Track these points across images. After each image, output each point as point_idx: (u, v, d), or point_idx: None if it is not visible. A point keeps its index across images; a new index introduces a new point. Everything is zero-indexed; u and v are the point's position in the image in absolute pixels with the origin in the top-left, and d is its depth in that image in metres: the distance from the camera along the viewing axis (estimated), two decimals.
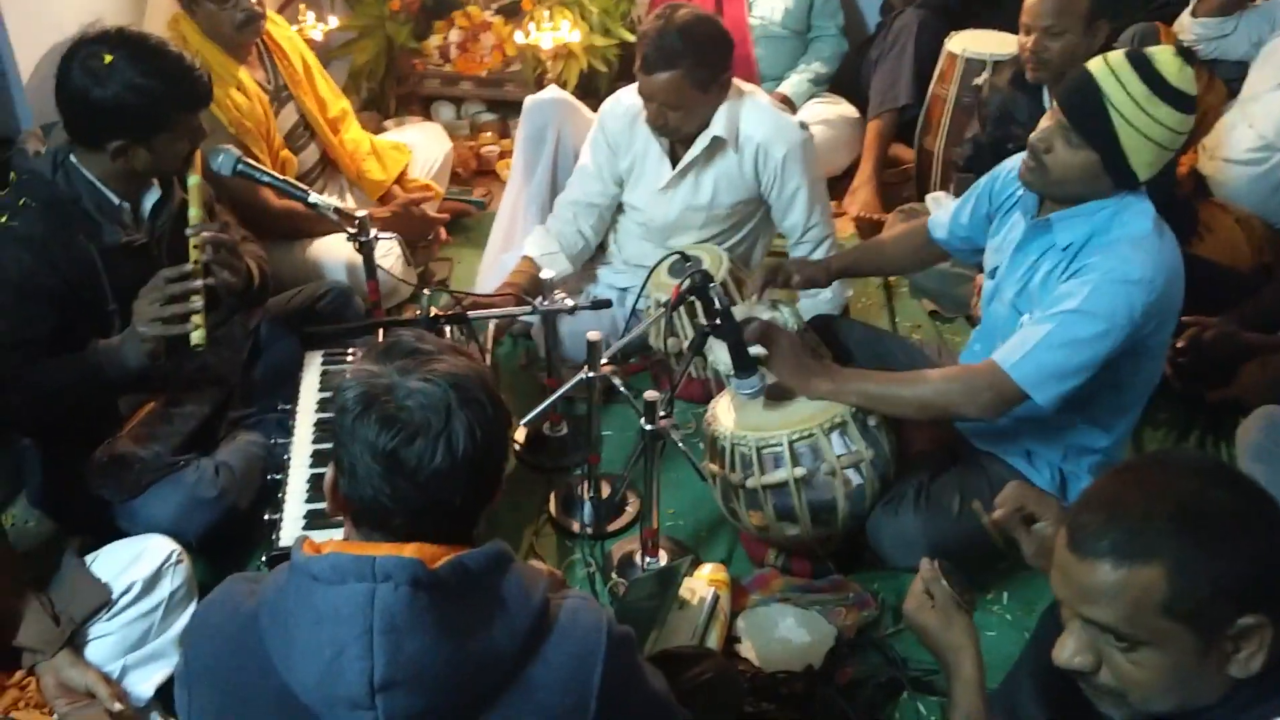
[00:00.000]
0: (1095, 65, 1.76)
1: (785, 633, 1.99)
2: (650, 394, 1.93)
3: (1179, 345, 2.36)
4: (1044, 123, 1.84)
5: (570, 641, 1.20)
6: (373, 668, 1.08)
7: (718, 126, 2.44)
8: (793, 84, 3.56)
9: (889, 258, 2.39)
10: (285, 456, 2.04)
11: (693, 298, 1.99)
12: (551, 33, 3.43)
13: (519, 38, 3.49)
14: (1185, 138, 1.77)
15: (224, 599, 1.24)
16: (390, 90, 3.74)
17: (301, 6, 3.36)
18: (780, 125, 2.47)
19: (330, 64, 3.68)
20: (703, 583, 2.03)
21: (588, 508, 2.31)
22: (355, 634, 1.09)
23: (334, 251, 2.74)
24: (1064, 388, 1.82)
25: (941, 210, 2.27)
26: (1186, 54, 1.74)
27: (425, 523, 1.16)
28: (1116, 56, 1.76)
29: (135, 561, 1.83)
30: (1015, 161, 2.01)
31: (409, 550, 1.13)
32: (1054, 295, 1.84)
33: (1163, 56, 1.73)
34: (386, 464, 1.11)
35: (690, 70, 2.30)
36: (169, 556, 1.86)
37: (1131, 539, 1.05)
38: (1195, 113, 1.76)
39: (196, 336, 1.88)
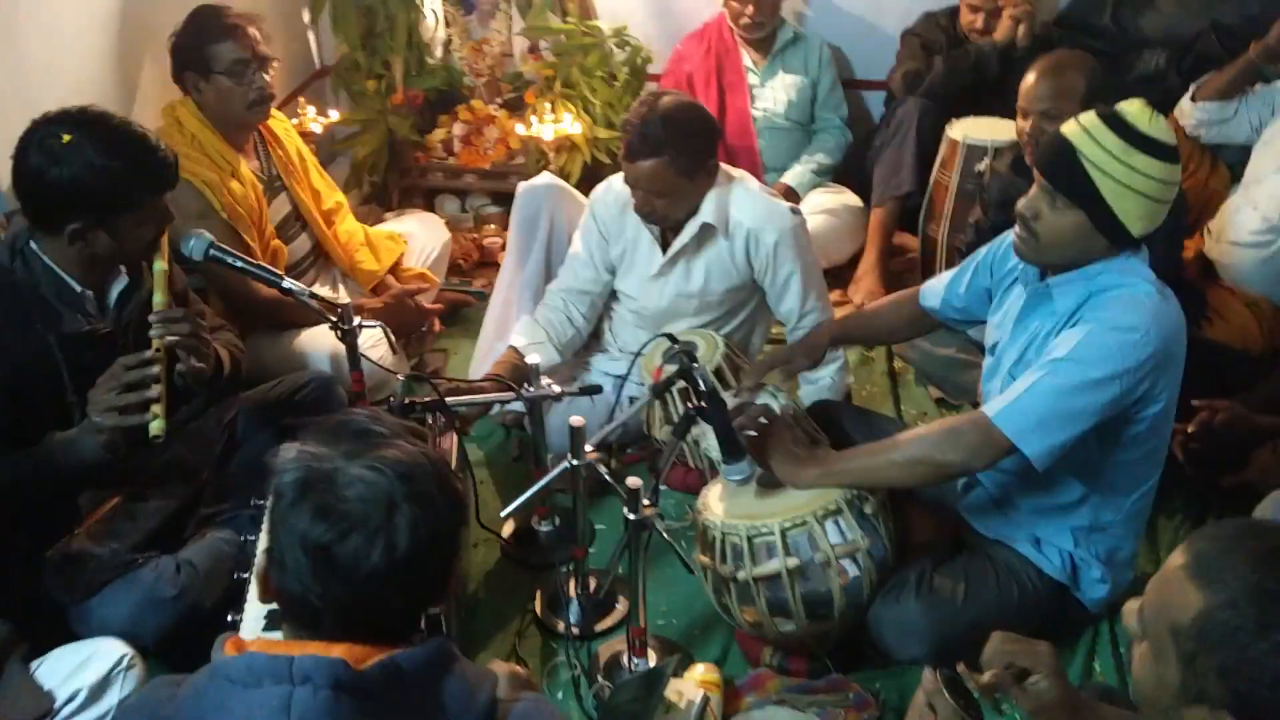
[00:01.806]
0: (1068, 127, 1.75)
1: None
2: (633, 480, 1.83)
3: (1190, 430, 2.27)
4: (1030, 192, 1.80)
5: None
6: None
7: (707, 213, 2.40)
8: (796, 174, 3.55)
9: (877, 327, 2.33)
10: (255, 554, 1.94)
11: (682, 381, 1.91)
12: (553, 125, 3.44)
13: (521, 130, 3.51)
14: (1174, 189, 1.73)
15: (143, 704, 1.14)
16: (393, 183, 3.75)
17: (302, 100, 3.40)
18: (771, 211, 2.42)
19: (333, 157, 3.72)
20: (692, 684, 1.90)
21: (574, 606, 2.19)
22: None
23: (319, 342, 2.68)
24: (1051, 439, 1.73)
25: (935, 280, 2.21)
26: (1157, 106, 1.71)
27: (358, 624, 1.06)
28: (1088, 115, 1.74)
29: (83, 667, 1.72)
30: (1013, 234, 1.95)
31: (336, 650, 1.03)
32: (1047, 347, 1.78)
33: (1131, 108, 1.71)
34: (317, 559, 1.02)
35: (674, 158, 2.27)
36: (119, 661, 1.74)
37: None
38: (1178, 161, 1.72)
39: (155, 427, 1.78)
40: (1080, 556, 1.98)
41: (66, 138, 1.78)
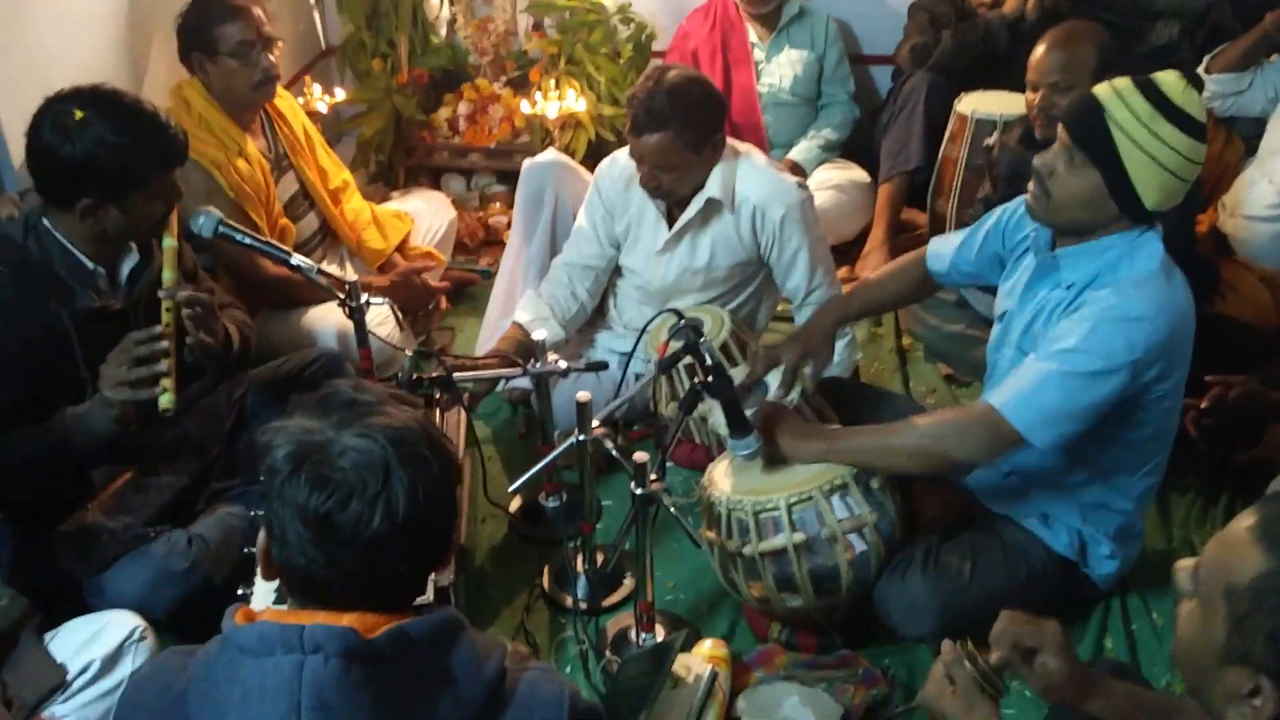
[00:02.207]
0: (1100, 88, 1.73)
1: (789, 712, 1.85)
2: (640, 455, 1.83)
3: (1203, 406, 2.26)
4: (1050, 148, 1.78)
5: (528, 718, 1.09)
6: None
7: (713, 188, 2.38)
8: (802, 150, 3.53)
9: (884, 294, 2.29)
10: None
11: (688, 357, 1.91)
12: (558, 102, 3.43)
13: (525, 108, 3.50)
14: (1197, 168, 1.70)
15: (155, 674, 1.15)
16: (399, 162, 3.74)
17: (308, 79, 3.39)
18: (777, 186, 2.41)
19: (339, 137, 3.71)
20: (700, 659, 1.91)
21: (582, 581, 2.20)
22: (281, 712, 1.00)
23: (327, 319, 2.69)
24: (1061, 430, 1.72)
25: (941, 242, 2.18)
26: (1194, 81, 1.68)
27: (364, 592, 1.06)
28: (1122, 80, 1.72)
29: (95, 639, 1.74)
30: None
31: (345, 619, 1.04)
32: (1053, 333, 1.76)
33: (1168, 79, 1.69)
34: (319, 530, 1.02)
35: (680, 132, 2.26)
36: (131, 633, 1.76)
37: None
38: (1205, 140, 1.69)
39: (165, 400, 1.80)
40: (1088, 533, 1.97)
41: (79, 115, 1.80)
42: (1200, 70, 3.11)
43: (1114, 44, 2.57)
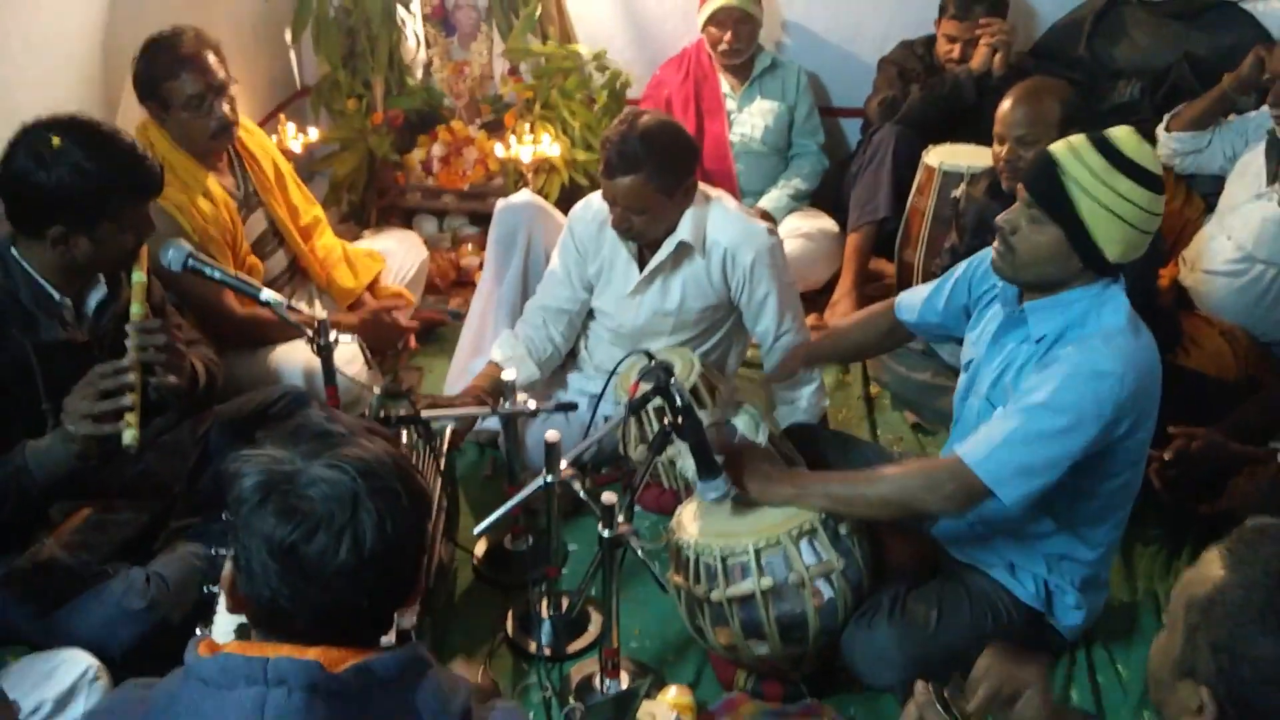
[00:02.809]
0: (1056, 145, 1.77)
1: None
2: (608, 496, 1.82)
3: (1166, 457, 2.29)
4: (1012, 206, 1.82)
5: None
6: None
7: (684, 231, 2.40)
8: (773, 198, 3.58)
9: (853, 341, 2.33)
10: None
11: (658, 399, 1.91)
12: (532, 146, 3.45)
13: (500, 151, 3.52)
14: (1156, 220, 1.74)
15: (113, 707, 1.13)
16: (371, 202, 3.75)
17: (282, 118, 3.40)
18: (748, 230, 2.43)
19: (312, 176, 3.71)
20: (665, 707, 1.89)
21: (546, 626, 2.17)
22: None
23: (293, 357, 2.66)
24: (1030, 486, 1.73)
25: (911, 293, 2.22)
26: (1148, 135, 1.72)
27: (329, 625, 1.05)
28: (1077, 136, 1.76)
29: (48, 678, 1.71)
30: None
31: (311, 653, 1.02)
32: (1022, 388, 1.78)
33: (1120, 134, 1.74)
34: (284, 561, 1.01)
35: (653, 175, 2.28)
36: (85, 672, 1.73)
37: None
38: (1162, 192, 1.74)
39: (128, 436, 1.77)
40: (1054, 583, 1.98)
41: (56, 141, 1.80)
42: (1160, 129, 3.20)
43: (1078, 100, 2.63)
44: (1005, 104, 2.61)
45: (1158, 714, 1.07)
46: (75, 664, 1.74)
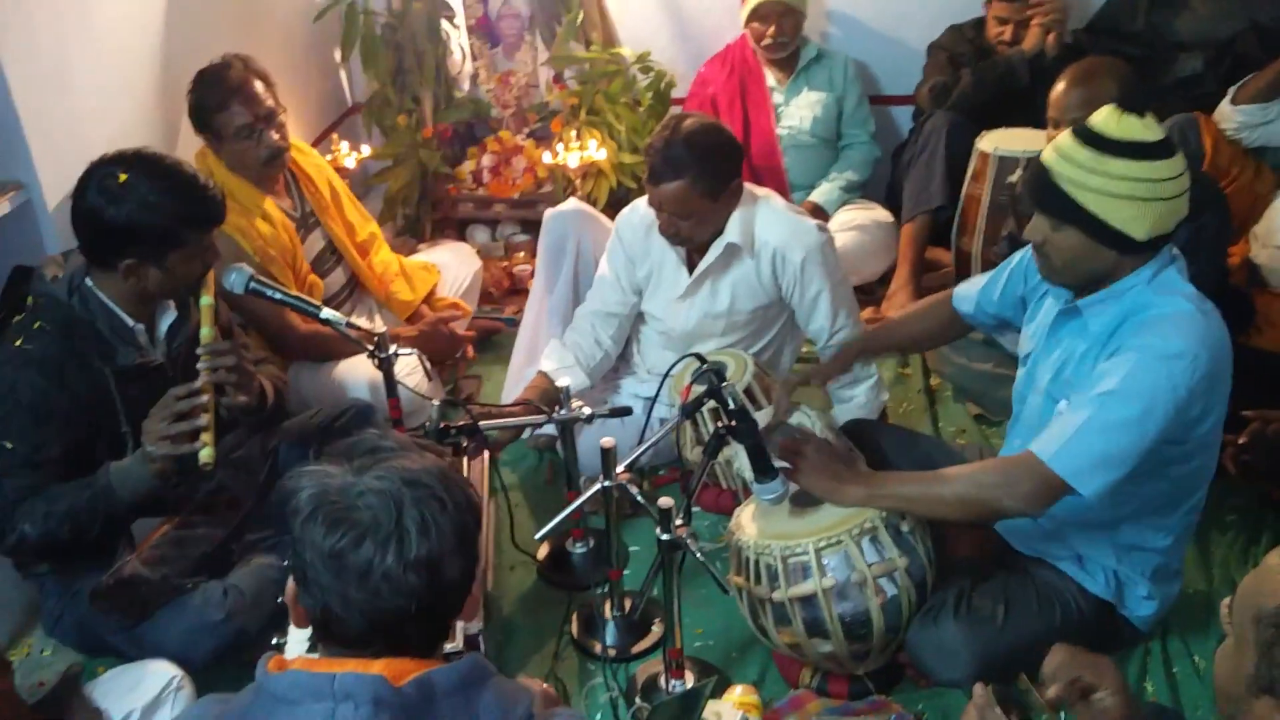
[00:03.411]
0: (1045, 152, 1.77)
1: None
2: (665, 500, 1.84)
3: (1241, 441, 2.23)
4: (1032, 220, 1.81)
5: None
6: None
7: (732, 233, 2.40)
8: (824, 192, 3.56)
9: (910, 333, 2.30)
10: None
11: (712, 401, 1.92)
12: (579, 152, 3.48)
13: (547, 158, 3.55)
14: (1172, 183, 1.69)
15: None
16: (425, 215, 3.80)
17: (335, 136, 3.47)
18: (796, 229, 2.42)
19: (366, 192, 3.78)
20: (730, 706, 1.90)
21: (610, 628, 2.20)
22: None
23: (357, 371, 2.72)
24: (1110, 477, 1.70)
25: (968, 284, 2.19)
26: (1130, 106, 1.69)
27: (383, 634, 1.08)
28: (1062, 135, 1.75)
29: (135, 687, 1.79)
30: None
31: (375, 667, 1.05)
32: (1091, 378, 1.74)
33: (1098, 117, 1.71)
34: (334, 569, 1.05)
35: (697, 179, 2.28)
36: (170, 682, 1.81)
37: None
38: (1167, 156, 1.68)
39: (205, 455, 1.85)
40: (1125, 574, 1.94)
41: (123, 177, 1.87)
42: (1226, 101, 3.10)
43: (1135, 78, 2.57)
44: (1059, 86, 2.57)
45: None
46: (160, 674, 1.82)
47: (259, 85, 2.63)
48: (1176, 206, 1.71)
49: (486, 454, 2.32)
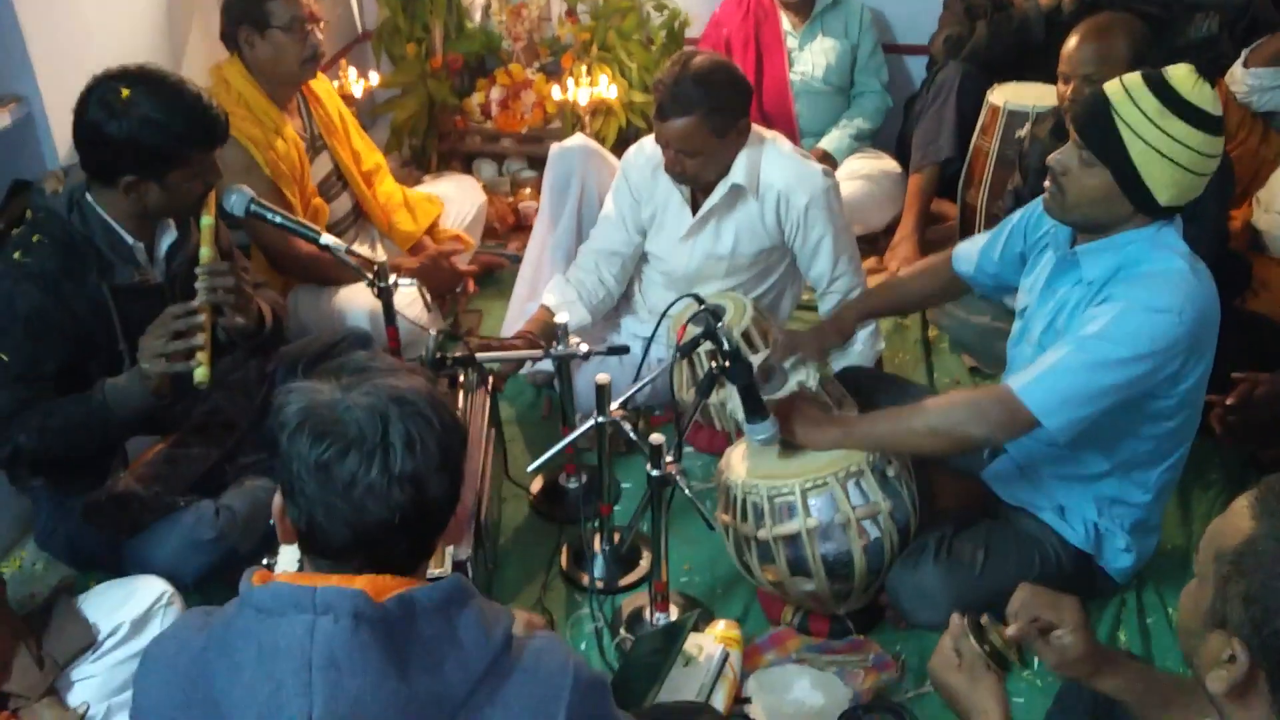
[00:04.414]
0: (1110, 85, 1.72)
1: (799, 694, 1.88)
2: (656, 437, 1.86)
3: (1229, 402, 2.24)
4: (1064, 146, 1.78)
5: (533, 684, 1.12)
6: (311, 706, 1.02)
7: (737, 174, 2.40)
8: (834, 139, 3.53)
9: (910, 293, 2.30)
10: None
11: (708, 343, 1.93)
12: (589, 88, 3.45)
13: (556, 94, 3.52)
14: (1212, 161, 1.69)
15: (177, 632, 1.19)
16: (432, 147, 3.78)
17: (344, 63, 3.44)
18: (802, 172, 2.42)
19: (374, 121, 3.76)
20: (712, 640, 1.94)
21: (599, 561, 2.23)
22: (293, 669, 1.03)
23: (358, 299, 2.73)
24: (1076, 414, 1.72)
25: (968, 243, 2.19)
26: (1206, 75, 1.66)
27: (367, 546, 1.10)
28: (1132, 76, 1.70)
29: (125, 602, 1.81)
30: None
31: (358, 583, 1.07)
32: (1078, 322, 1.76)
33: (1178, 74, 1.67)
34: (319, 479, 1.06)
35: (706, 116, 2.27)
36: (160, 597, 1.84)
37: None
38: (1219, 134, 1.67)
39: (200, 374, 1.86)
40: (1104, 526, 1.97)
41: (125, 93, 1.85)
42: (1239, 64, 3.08)
43: (1148, 35, 2.54)
44: (1071, 41, 2.54)
45: (1188, 664, 1.08)
46: (150, 589, 1.85)
47: None
48: (1202, 183, 1.71)
49: (489, 385, 2.33)
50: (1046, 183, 1.81)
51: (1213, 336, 1.78)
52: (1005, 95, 3.14)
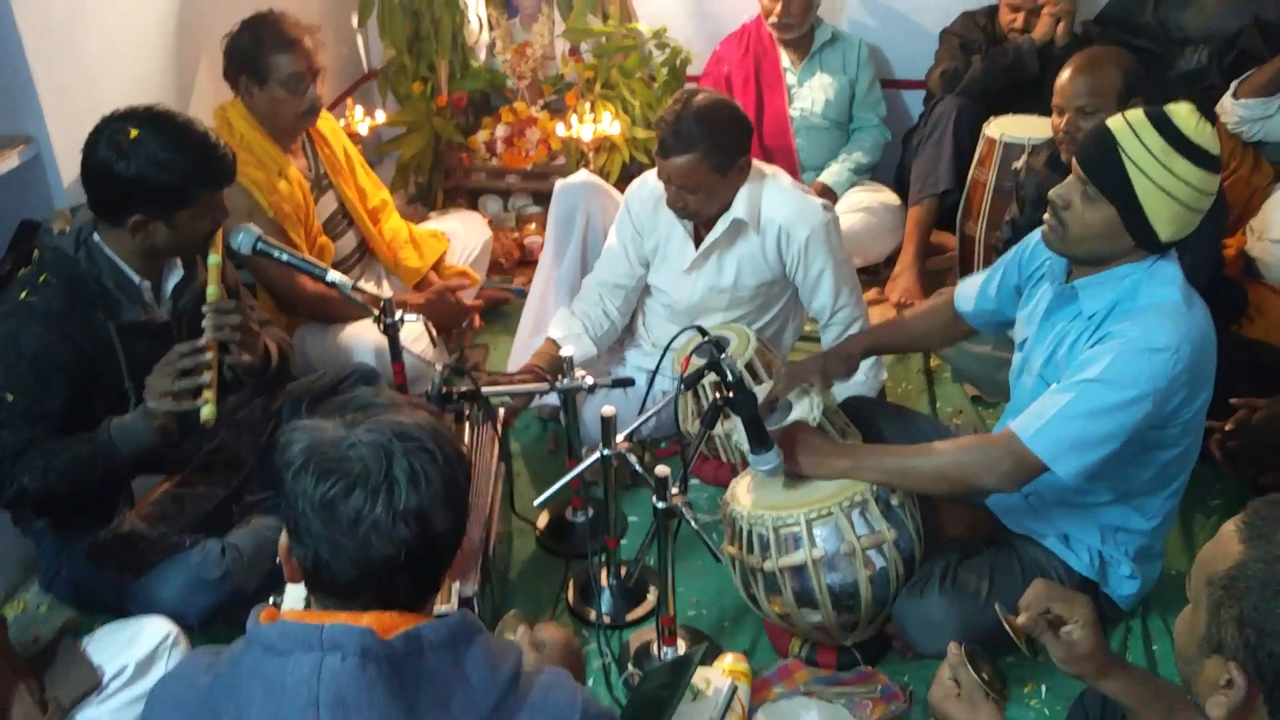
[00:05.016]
0: (1114, 121, 1.74)
1: None
2: (662, 469, 1.87)
3: (1227, 428, 2.25)
4: (1066, 180, 1.80)
5: (541, 719, 1.13)
6: None
7: (739, 209, 2.42)
8: (833, 173, 3.57)
9: (913, 334, 2.31)
10: None
11: (713, 374, 1.95)
12: (593, 125, 3.49)
13: (561, 131, 3.57)
14: (1210, 199, 1.71)
15: (184, 671, 1.19)
16: (438, 183, 3.82)
17: (350, 101, 3.48)
18: (802, 207, 2.44)
19: (380, 158, 3.80)
20: (720, 673, 1.93)
21: (606, 595, 2.24)
22: (300, 707, 1.04)
23: (364, 335, 2.75)
24: (1085, 460, 1.73)
25: (967, 283, 2.21)
26: (1206, 112, 1.69)
27: (374, 584, 1.10)
28: (1135, 113, 1.73)
29: (130, 643, 1.80)
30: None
31: (364, 620, 1.08)
32: (1077, 363, 1.77)
33: (1181, 111, 1.69)
34: (324, 517, 1.07)
35: (707, 154, 2.30)
36: (165, 638, 1.83)
37: None
38: (1219, 172, 1.70)
39: (206, 412, 1.86)
40: (1109, 553, 1.98)
41: (134, 133, 1.87)
42: (1229, 95, 3.12)
43: (1140, 68, 2.58)
44: (1064, 74, 2.57)
45: (1188, 690, 1.08)
46: (156, 630, 1.84)
47: (309, 41, 2.66)
48: (1198, 219, 1.73)
49: (498, 420, 2.35)
50: (1046, 215, 1.83)
51: (1211, 367, 1.79)
52: (1001, 128, 3.18)
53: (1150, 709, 1.32)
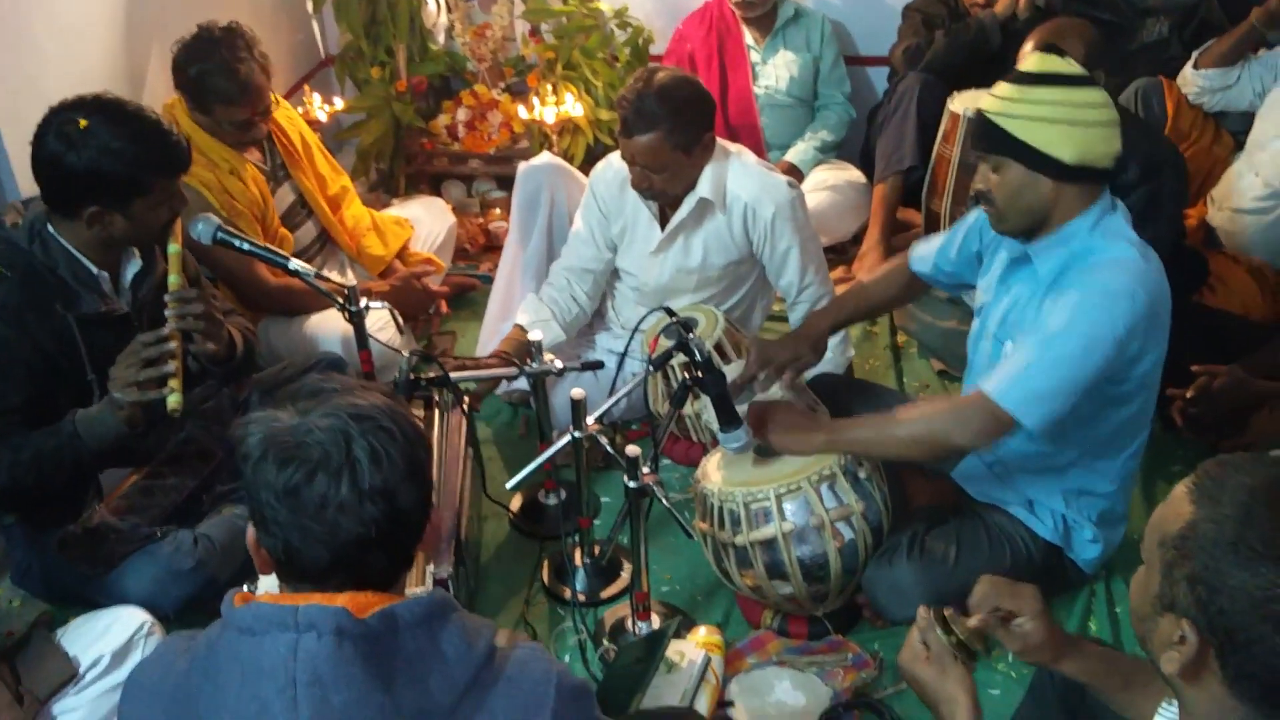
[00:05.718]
0: (984, 101, 1.85)
1: (780, 695, 1.91)
2: (632, 449, 1.88)
3: (1188, 395, 2.29)
4: (977, 172, 1.88)
5: (517, 693, 1.13)
6: None
7: (704, 188, 2.43)
8: (799, 151, 3.57)
9: (874, 298, 2.33)
10: None
11: (682, 355, 1.96)
12: (555, 107, 3.48)
13: (523, 113, 3.55)
14: (1095, 110, 1.77)
15: (159, 657, 1.19)
16: (399, 170, 3.80)
17: (307, 88, 3.45)
18: (767, 184, 2.45)
19: (340, 146, 3.77)
20: (694, 646, 1.95)
21: (580, 574, 2.25)
22: (278, 688, 1.04)
23: (330, 325, 2.73)
24: (1052, 409, 1.77)
25: (923, 244, 2.23)
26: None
27: (346, 564, 1.10)
28: (999, 86, 1.83)
29: (105, 634, 1.80)
30: None
31: (339, 600, 1.08)
32: (1037, 318, 1.81)
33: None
34: (290, 504, 1.07)
35: (670, 132, 2.30)
36: (140, 628, 1.82)
37: None
38: (1088, 87, 1.77)
39: (173, 401, 1.85)
40: (1072, 517, 2.02)
41: (83, 123, 1.83)
42: (1189, 66, 3.15)
43: (1102, 40, 2.60)
44: (1026, 47, 2.60)
45: (1143, 648, 1.11)
46: (130, 620, 1.84)
47: (262, 79, 2.60)
48: (1103, 135, 1.77)
49: (465, 405, 2.34)
50: (981, 207, 1.90)
51: (1166, 320, 1.84)
52: (965, 102, 3.18)
53: (1108, 684, 1.35)
